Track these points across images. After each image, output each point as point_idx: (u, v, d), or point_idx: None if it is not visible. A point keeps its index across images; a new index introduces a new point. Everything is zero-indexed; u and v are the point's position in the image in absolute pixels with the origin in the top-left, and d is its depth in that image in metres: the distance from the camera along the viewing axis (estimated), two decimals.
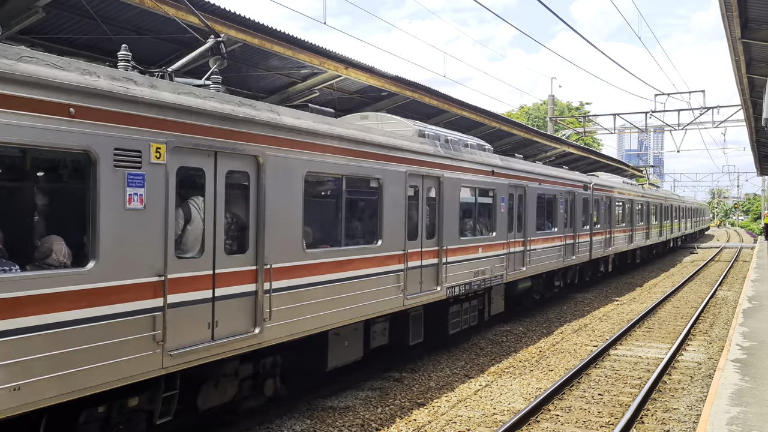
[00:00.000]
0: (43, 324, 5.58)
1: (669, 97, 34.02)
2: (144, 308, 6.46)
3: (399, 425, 9.07)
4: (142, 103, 6.47)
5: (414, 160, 11.41)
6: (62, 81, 5.75)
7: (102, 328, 6.06)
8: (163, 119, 6.70)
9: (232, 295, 7.52)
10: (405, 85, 16.50)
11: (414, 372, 11.85)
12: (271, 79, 14.64)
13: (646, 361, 13.07)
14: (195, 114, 7.04)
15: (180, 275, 6.85)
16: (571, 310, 19.51)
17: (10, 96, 5.40)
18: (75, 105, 5.87)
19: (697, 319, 17.83)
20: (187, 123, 6.95)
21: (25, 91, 5.51)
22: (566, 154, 31.12)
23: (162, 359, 6.63)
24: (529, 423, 9.21)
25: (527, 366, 12.58)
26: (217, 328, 7.28)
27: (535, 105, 62.81)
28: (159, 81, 6.91)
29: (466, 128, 22.64)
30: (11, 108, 5.41)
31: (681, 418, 9.53)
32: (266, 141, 8.02)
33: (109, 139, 6.13)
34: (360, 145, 9.89)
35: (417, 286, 11.31)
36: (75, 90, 5.86)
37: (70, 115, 5.82)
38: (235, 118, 7.54)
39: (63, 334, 5.74)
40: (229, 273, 7.48)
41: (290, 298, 8.37)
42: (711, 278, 29.33)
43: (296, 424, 8.98)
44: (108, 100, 6.15)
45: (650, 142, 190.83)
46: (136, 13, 10.51)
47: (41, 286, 5.60)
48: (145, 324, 6.48)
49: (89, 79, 6.01)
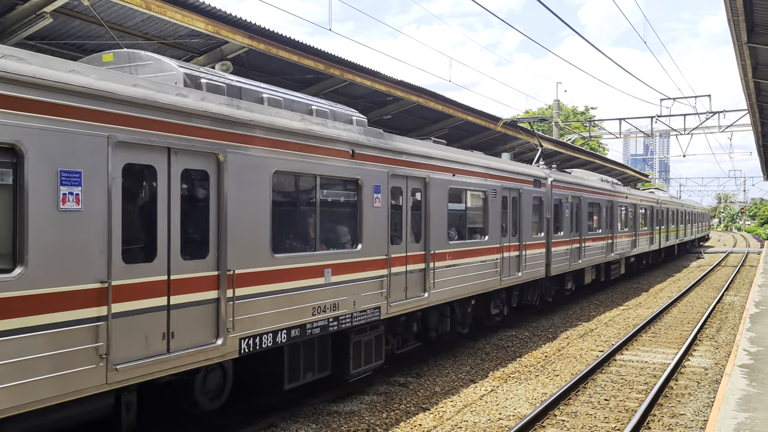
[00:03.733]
0: None
1: (675, 102, 33.91)
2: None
3: (404, 430, 9.05)
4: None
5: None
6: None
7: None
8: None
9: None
10: (410, 89, 16.54)
11: (419, 377, 11.83)
12: (276, 84, 14.69)
13: (652, 367, 13.01)
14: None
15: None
16: (577, 315, 19.45)
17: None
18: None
19: (704, 325, 17.74)
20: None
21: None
22: (571, 158, 31.11)
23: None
24: (535, 428, 9.17)
25: (533, 371, 12.54)
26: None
27: (540, 110, 62.77)
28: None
29: (471, 132, 22.68)
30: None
31: (688, 423, 9.49)
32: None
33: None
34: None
35: None
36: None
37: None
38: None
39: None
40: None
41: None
42: (717, 283, 29.20)
43: (301, 428, 8.98)
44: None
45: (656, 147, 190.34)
46: (143, 19, 10.57)
47: None
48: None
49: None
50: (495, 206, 14.23)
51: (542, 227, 17.25)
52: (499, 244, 14.46)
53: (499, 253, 14.44)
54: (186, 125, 6.94)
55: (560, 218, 18.71)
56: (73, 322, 5.85)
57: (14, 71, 5.47)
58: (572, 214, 19.81)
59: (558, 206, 18.53)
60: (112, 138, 6.19)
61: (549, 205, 17.70)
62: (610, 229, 23.96)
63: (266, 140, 8.00)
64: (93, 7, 9.63)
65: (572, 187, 19.89)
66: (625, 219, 26.34)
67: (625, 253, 26.34)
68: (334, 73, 13.95)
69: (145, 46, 11.35)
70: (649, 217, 31.48)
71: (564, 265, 18.96)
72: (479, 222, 13.82)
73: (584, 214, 20.78)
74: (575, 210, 20.03)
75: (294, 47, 12.57)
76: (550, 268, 17.63)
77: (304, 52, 12.86)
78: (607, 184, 24.32)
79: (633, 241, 27.91)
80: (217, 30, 10.86)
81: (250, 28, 11.49)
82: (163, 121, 6.70)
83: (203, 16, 10.54)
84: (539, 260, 16.91)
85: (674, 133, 36.19)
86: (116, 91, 6.25)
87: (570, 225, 19.41)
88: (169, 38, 11.41)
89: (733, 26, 11.86)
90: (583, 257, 20.77)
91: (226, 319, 7.35)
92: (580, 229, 20.34)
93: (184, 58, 12.46)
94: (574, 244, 19.92)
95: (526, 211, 15.78)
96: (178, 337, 6.81)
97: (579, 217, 20.28)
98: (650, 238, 31.83)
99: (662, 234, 35.48)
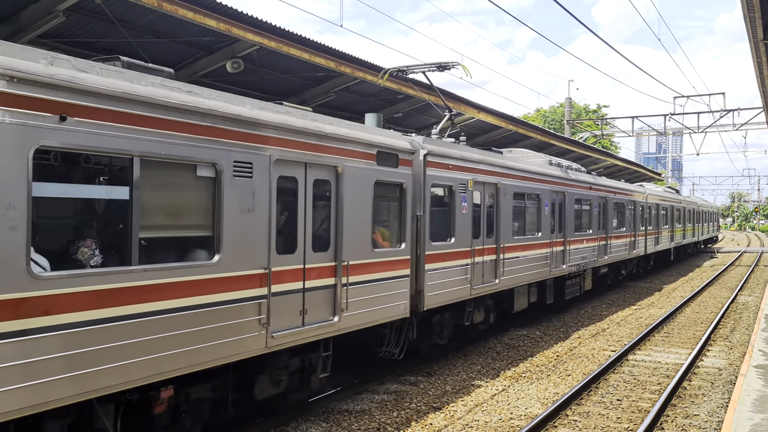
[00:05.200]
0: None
1: (689, 100, 33.68)
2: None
3: (415, 429, 9.01)
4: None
5: None
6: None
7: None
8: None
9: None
10: (421, 87, 16.47)
11: (430, 376, 11.79)
12: (286, 82, 14.68)
13: (665, 367, 12.90)
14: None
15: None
16: (589, 315, 19.33)
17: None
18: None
19: (718, 325, 17.57)
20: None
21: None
22: (583, 157, 30.90)
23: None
24: (547, 428, 9.11)
25: (544, 371, 12.46)
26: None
27: (551, 108, 62.50)
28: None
29: (482, 131, 22.59)
30: None
31: (702, 424, 9.38)
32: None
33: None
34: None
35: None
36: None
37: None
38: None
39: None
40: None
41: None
42: (731, 283, 28.93)
43: (312, 427, 8.96)
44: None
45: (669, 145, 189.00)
46: (155, 17, 10.58)
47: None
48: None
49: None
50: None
51: (404, 232, 10.59)
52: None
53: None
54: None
55: (450, 216, 12.06)
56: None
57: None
58: (485, 210, 13.38)
59: (443, 197, 12.05)
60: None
61: (418, 194, 11.02)
62: (561, 232, 17.55)
63: None
64: (104, 5, 9.65)
65: (476, 168, 12.84)
66: (590, 217, 20.35)
67: (589, 263, 20.01)
68: (345, 71, 13.91)
69: (155, 44, 11.37)
70: (632, 215, 25.62)
71: (459, 290, 12.22)
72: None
73: (505, 210, 14.15)
74: (486, 203, 13.46)
75: (305, 45, 12.54)
76: (421, 297, 11.01)
77: (315, 49, 12.83)
78: (555, 169, 17.83)
79: (603, 247, 21.68)
80: (228, 28, 10.85)
81: (262, 26, 11.47)
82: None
83: (215, 13, 10.53)
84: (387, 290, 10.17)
85: (688, 131, 35.92)
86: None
87: (474, 227, 12.76)
88: (180, 36, 11.41)
89: (749, 23, 11.73)
90: (504, 274, 13.97)
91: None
92: (498, 232, 13.78)
93: (195, 56, 12.48)
94: (483, 257, 13.12)
95: (349, 204, 9.24)
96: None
97: (495, 215, 13.80)
98: (631, 242, 25.68)
99: (651, 236, 29.24)
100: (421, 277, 11.08)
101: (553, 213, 17.13)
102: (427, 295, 11.13)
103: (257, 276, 7.62)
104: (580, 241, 19.19)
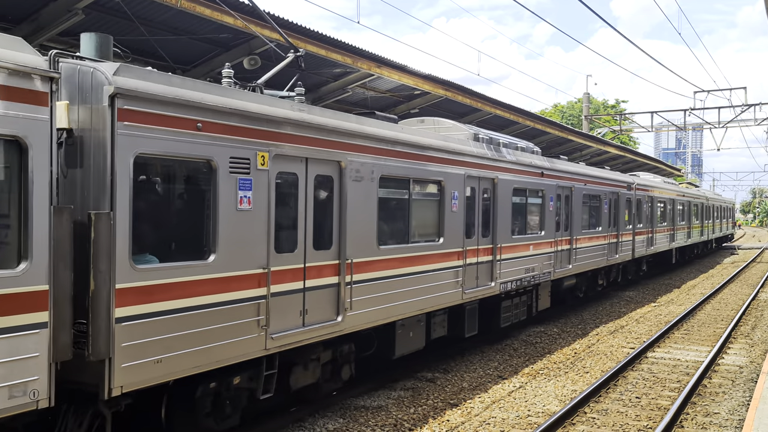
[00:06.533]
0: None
1: (709, 94, 33.23)
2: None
3: (432, 425, 9.01)
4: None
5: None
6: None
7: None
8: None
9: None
10: (438, 83, 16.42)
11: (446, 372, 11.77)
12: (303, 78, 14.69)
13: (685, 364, 12.76)
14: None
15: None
16: (607, 312, 19.18)
17: None
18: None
19: (738, 322, 17.36)
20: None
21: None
22: (601, 152, 30.64)
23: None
24: (565, 425, 9.06)
25: (562, 368, 12.39)
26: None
27: (569, 103, 62.00)
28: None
29: (499, 127, 22.48)
30: None
31: (722, 422, 9.28)
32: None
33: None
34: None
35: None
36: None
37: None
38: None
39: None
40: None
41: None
42: (752, 280, 28.55)
43: (329, 422, 8.99)
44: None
45: (689, 141, 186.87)
46: (173, 14, 10.64)
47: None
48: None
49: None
50: None
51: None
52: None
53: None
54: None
55: (211, 219, 7.18)
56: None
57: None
58: (309, 205, 8.37)
59: (172, 184, 7.19)
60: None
61: (102, 170, 6.23)
62: (488, 236, 12.88)
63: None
64: (123, 3, 9.72)
65: (280, 133, 7.78)
66: (542, 214, 15.46)
67: (542, 275, 15.30)
68: (362, 67, 13.91)
69: (174, 41, 11.43)
70: (614, 210, 20.85)
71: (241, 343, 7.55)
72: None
73: (359, 206, 9.14)
74: (314, 195, 8.44)
75: (321, 41, 12.55)
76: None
77: (332, 46, 12.84)
78: (480, 147, 12.74)
79: (565, 253, 16.79)
80: (245, 25, 10.88)
81: (279, 23, 11.49)
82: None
83: (232, 10, 10.56)
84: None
85: (708, 126, 35.45)
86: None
87: (294, 233, 8.20)
88: (197, 33, 11.46)
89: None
90: (351, 308, 8.98)
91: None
92: (342, 240, 8.84)
93: (213, 52, 12.53)
94: (287, 283, 8.01)
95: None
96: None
97: (339, 214, 8.85)
98: (612, 245, 20.61)
99: (642, 236, 24.15)
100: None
101: (472, 209, 12.27)
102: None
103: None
104: (522, 247, 14.24)
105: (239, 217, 7.25)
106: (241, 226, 7.28)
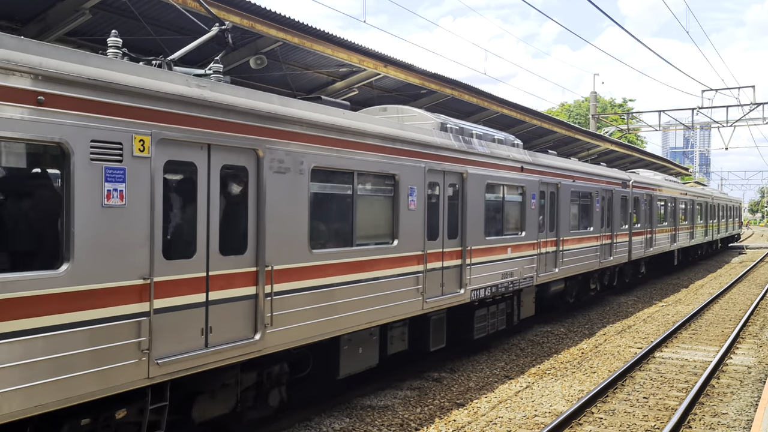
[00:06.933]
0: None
1: (717, 93, 33.05)
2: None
3: (438, 425, 8.99)
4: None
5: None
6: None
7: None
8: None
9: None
10: (444, 82, 16.39)
11: (453, 372, 11.75)
12: (309, 78, 14.70)
13: (692, 364, 12.70)
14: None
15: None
16: (614, 312, 19.11)
17: None
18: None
19: (747, 322, 17.26)
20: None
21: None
22: (609, 152, 30.53)
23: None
24: (572, 426, 9.02)
25: (569, 367, 12.35)
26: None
27: (576, 102, 61.83)
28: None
29: (506, 126, 22.44)
30: None
31: (730, 423, 9.22)
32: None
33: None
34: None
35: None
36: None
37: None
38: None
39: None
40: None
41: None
42: (761, 279, 28.39)
43: (335, 422, 8.98)
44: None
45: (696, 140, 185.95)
46: (179, 14, 10.65)
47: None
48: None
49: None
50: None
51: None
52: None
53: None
54: None
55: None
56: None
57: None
58: (220, 203, 7.31)
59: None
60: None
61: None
62: (457, 237, 11.56)
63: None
64: (130, 3, 9.74)
65: (170, 114, 6.56)
66: (521, 212, 14.07)
67: (522, 280, 13.89)
68: (368, 66, 13.89)
69: (179, 41, 11.44)
70: (607, 209, 19.35)
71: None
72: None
73: (277, 204, 7.76)
74: (228, 191, 7.47)
75: (327, 40, 12.55)
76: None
77: (338, 45, 12.83)
78: (447, 138, 11.49)
79: (551, 255, 15.48)
80: (251, 24, 10.89)
81: (285, 22, 11.49)
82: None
83: (238, 10, 10.57)
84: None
85: (716, 125, 35.26)
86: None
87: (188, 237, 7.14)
88: (203, 33, 11.47)
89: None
90: (272, 323, 7.75)
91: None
92: (261, 244, 7.62)
93: (220, 53, 12.54)
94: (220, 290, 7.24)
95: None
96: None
97: (256, 213, 7.59)
98: (605, 246, 19.25)
99: (640, 237, 22.69)
100: None
101: (435, 207, 10.99)
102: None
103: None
104: (499, 249, 12.92)
105: (107, 216, 5.82)
106: (110, 226, 5.86)
